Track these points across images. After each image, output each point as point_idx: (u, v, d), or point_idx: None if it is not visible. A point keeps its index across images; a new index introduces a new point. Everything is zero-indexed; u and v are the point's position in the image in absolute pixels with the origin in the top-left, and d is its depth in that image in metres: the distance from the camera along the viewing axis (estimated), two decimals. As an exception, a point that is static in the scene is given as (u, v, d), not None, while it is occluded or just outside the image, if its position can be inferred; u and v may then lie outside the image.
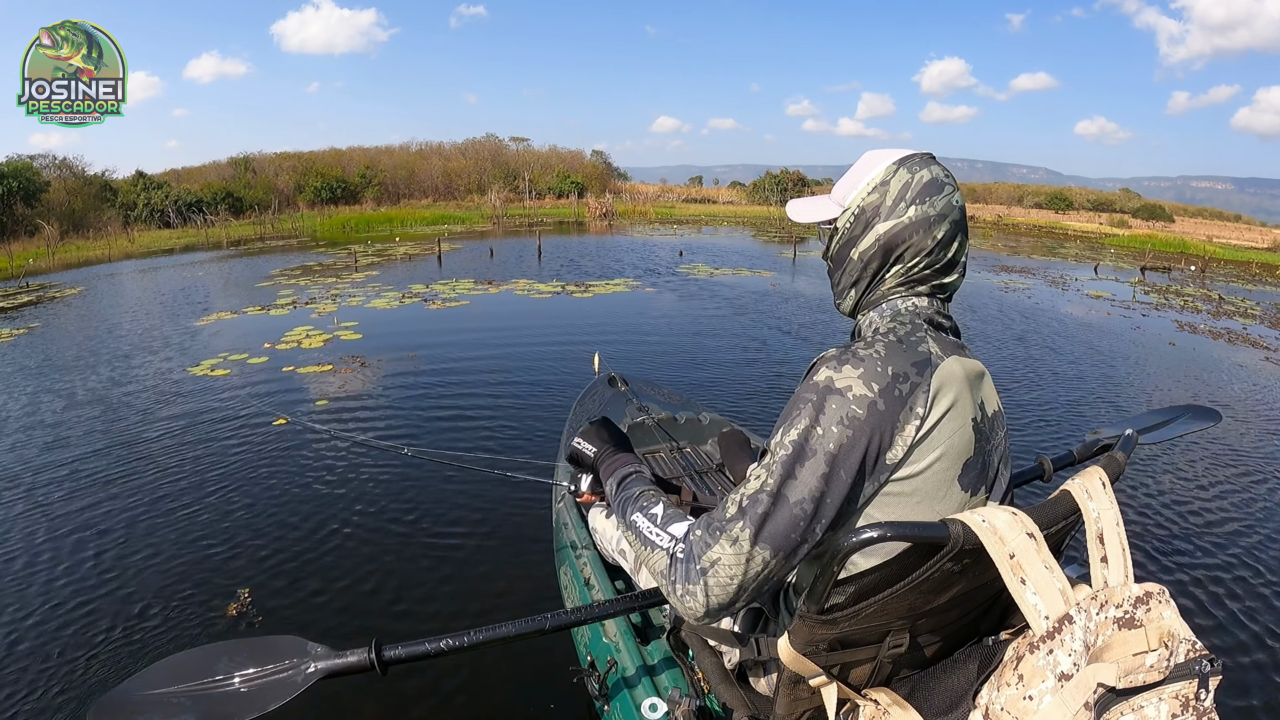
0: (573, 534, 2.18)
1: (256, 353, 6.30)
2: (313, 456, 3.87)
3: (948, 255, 1.05)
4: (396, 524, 3.20)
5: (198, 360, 6.06)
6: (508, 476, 2.99)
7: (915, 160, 1.06)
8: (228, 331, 7.33)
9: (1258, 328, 9.36)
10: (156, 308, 9.00)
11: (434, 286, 10.17)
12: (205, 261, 14.82)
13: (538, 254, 14.43)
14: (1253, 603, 2.71)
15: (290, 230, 22.94)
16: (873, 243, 1.05)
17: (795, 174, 37.82)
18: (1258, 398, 5.66)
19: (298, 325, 7.45)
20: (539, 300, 9.29)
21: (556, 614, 1.39)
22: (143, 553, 2.96)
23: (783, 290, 10.59)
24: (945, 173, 1.05)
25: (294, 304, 8.83)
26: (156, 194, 25.37)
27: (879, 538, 0.83)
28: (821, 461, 0.91)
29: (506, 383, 5.35)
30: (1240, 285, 14.79)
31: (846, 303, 1.14)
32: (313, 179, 30.28)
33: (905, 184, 1.03)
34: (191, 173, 30.71)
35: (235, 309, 8.62)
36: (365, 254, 14.99)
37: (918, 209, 1.02)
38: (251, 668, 1.25)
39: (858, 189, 1.08)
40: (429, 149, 35.93)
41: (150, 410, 4.73)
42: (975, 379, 1.02)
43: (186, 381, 5.43)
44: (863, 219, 1.07)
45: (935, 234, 1.03)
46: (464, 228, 22.98)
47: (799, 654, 0.98)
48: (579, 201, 31.01)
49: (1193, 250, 22.80)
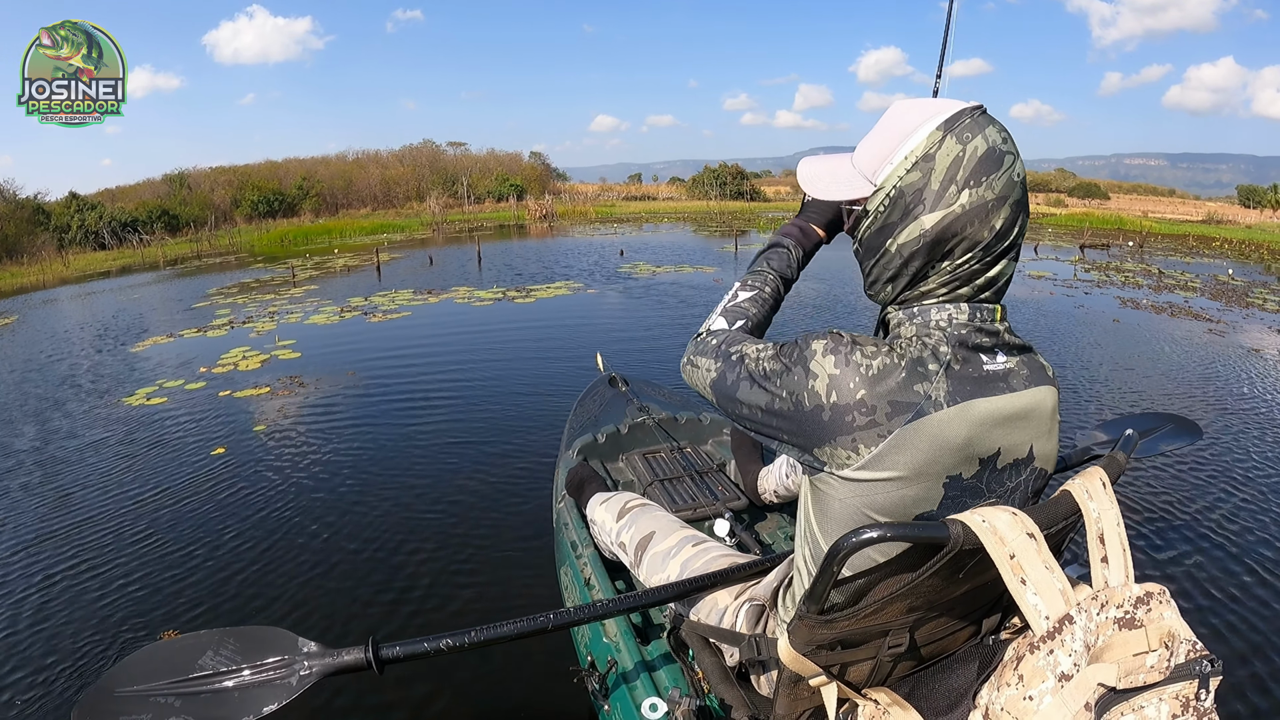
0: (573, 534, 2.19)
1: (193, 378, 6.28)
2: (248, 485, 3.90)
3: (1005, 244, 0.89)
4: (351, 541, 3.26)
5: (133, 390, 6.03)
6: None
7: (965, 122, 0.86)
8: (164, 357, 7.28)
9: (1199, 300, 9.77)
10: (91, 335, 8.85)
11: (373, 299, 10.17)
12: (142, 284, 14.50)
13: (478, 260, 14.47)
14: (1254, 602, 2.72)
15: (227, 246, 22.48)
16: (916, 237, 0.89)
17: (734, 168, 38.17)
18: (1219, 382, 5.68)
19: (235, 346, 7.43)
20: (480, 308, 9.37)
21: (557, 613, 1.40)
22: (64, 595, 2.89)
23: (726, 285, 10.77)
24: (1002, 135, 0.87)
25: (230, 324, 8.75)
26: (91, 215, 24.64)
27: (878, 538, 0.83)
28: (763, 397, 0.95)
29: (450, 394, 5.47)
30: (1178, 258, 15.45)
31: (881, 296, 0.99)
32: (249, 193, 29.65)
33: (955, 159, 0.85)
34: (126, 191, 29.83)
35: (171, 332, 8.53)
36: (304, 268, 14.83)
37: (972, 193, 0.85)
38: (242, 663, 1.22)
39: (893, 162, 0.89)
40: (366, 157, 35.43)
41: (83, 447, 4.70)
42: (992, 424, 0.92)
43: (121, 413, 5.41)
44: (901, 204, 0.89)
45: (993, 223, 0.86)
46: (404, 236, 22.76)
47: (798, 654, 0.97)
48: (519, 204, 30.92)
49: (1130, 226, 23.71)
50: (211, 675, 1.19)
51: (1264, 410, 4.94)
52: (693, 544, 1.64)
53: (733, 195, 35.88)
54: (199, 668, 1.19)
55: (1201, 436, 2.26)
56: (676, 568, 1.60)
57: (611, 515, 1.90)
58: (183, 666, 1.19)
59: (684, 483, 2.48)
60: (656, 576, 1.65)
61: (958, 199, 0.85)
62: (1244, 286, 11.33)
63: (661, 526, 1.75)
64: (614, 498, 1.97)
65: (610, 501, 1.96)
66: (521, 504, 3.55)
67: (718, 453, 2.77)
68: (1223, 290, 10.80)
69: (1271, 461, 4.01)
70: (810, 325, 7.73)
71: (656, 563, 1.67)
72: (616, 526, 1.85)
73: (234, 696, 1.18)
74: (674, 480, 2.50)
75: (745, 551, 1.92)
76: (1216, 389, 5.50)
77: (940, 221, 0.86)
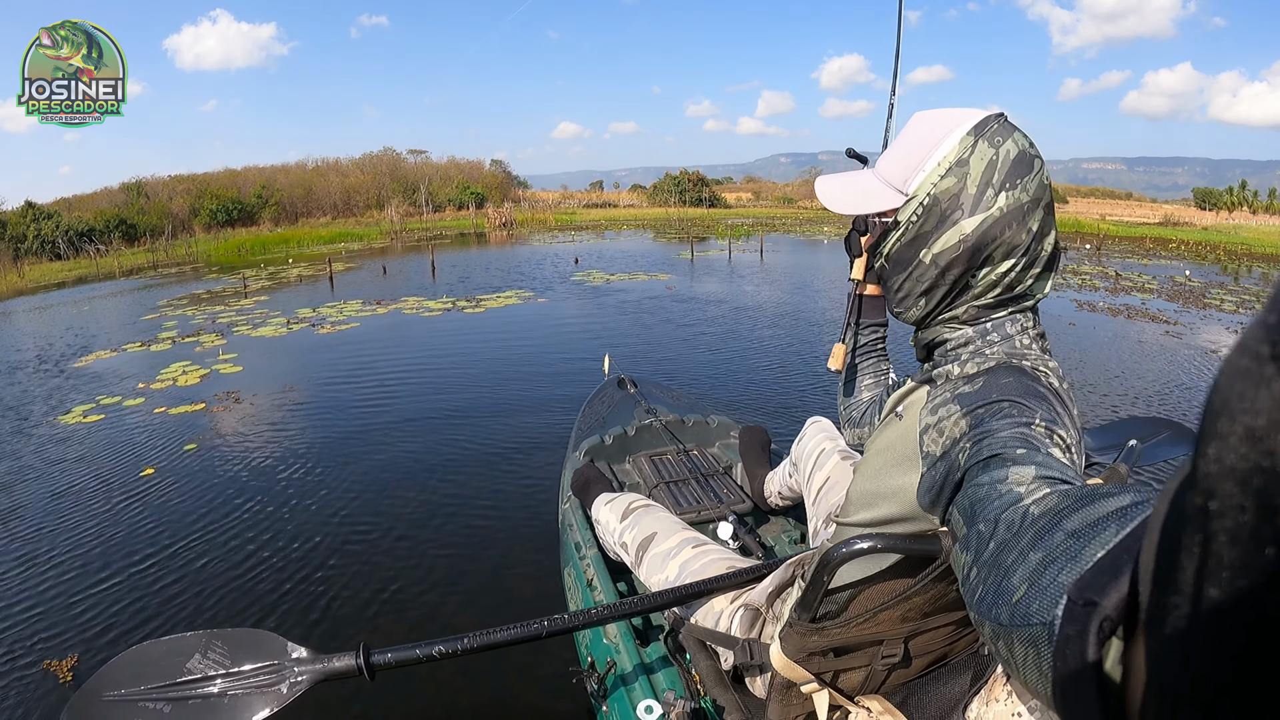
0: (577, 535, 2.19)
1: (131, 394, 6.30)
2: (184, 502, 3.95)
3: (1044, 250, 0.86)
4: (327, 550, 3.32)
5: (69, 406, 6.04)
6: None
7: (994, 127, 0.85)
8: (105, 372, 7.27)
9: (1156, 301, 9.88)
10: (38, 350, 8.80)
11: (321, 310, 10.21)
12: (95, 296, 14.35)
13: (432, 270, 14.53)
14: None
15: (184, 256, 22.30)
16: (956, 244, 0.85)
17: (695, 174, 38.63)
18: (1177, 385, 5.73)
19: (176, 361, 7.45)
20: (428, 318, 9.46)
21: (552, 619, 1.37)
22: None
23: (678, 292, 11.00)
24: (1028, 140, 0.85)
25: (174, 338, 8.73)
26: (47, 224, 24.38)
27: (869, 549, 0.83)
28: None
29: (391, 407, 5.55)
30: (1136, 260, 15.80)
31: (912, 313, 0.93)
32: (208, 201, 29.43)
33: (990, 163, 0.83)
34: (83, 200, 29.55)
35: (115, 346, 8.51)
36: (257, 278, 14.79)
37: (1009, 196, 0.82)
38: (231, 666, 1.20)
39: (925, 170, 0.86)
40: (326, 165, 35.32)
41: (8, 468, 4.71)
42: None
43: (54, 431, 5.42)
44: (936, 212, 0.85)
45: (1030, 225, 0.83)
46: (362, 245, 22.75)
47: (790, 660, 0.98)
48: (478, 212, 30.99)
49: (1087, 229, 24.26)
50: (200, 679, 1.18)
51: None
52: (692, 546, 1.66)
53: (693, 202, 36.15)
54: (187, 671, 1.18)
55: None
56: (675, 569, 1.62)
57: (616, 516, 1.90)
58: (171, 670, 1.18)
59: (689, 485, 2.49)
60: (656, 577, 1.66)
61: (995, 202, 0.82)
62: (1201, 287, 11.52)
63: (663, 528, 1.77)
64: (619, 499, 1.99)
65: (615, 502, 1.97)
66: (523, 507, 3.63)
67: (724, 455, 2.79)
68: (1180, 291, 10.95)
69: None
70: (773, 336, 7.86)
71: (656, 563, 1.69)
72: (620, 527, 1.86)
73: (224, 703, 1.17)
74: (679, 482, 2.51)
75: (748, 554, 1.99)
76: (1175, 392, 5.51)
77: (980, 225, 0.83)
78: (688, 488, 2.48)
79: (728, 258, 16.13)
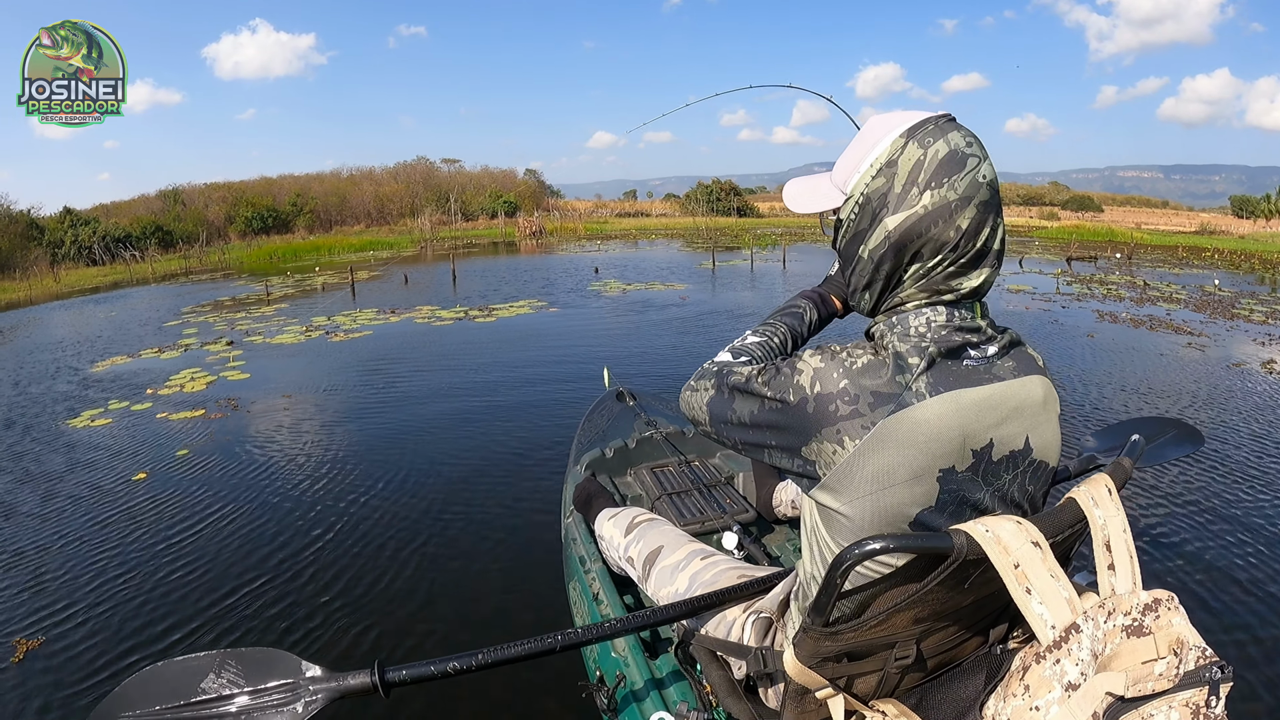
0: (581, 549, 2.18)
1: (140, 399, 6.39)
2: (178, 507, 3.95)
3: (975, 245, 0.89)
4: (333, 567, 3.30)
5: (78, 411, 6.14)
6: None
7: (928, 129, 0.88)
8: (120, 377, 7.40)
9: (1182, 312, 9.53)
10: (58, 354, 9.00)
11: (336, 318, 10.31)
12: (126, 301, 14.74)
13: (453, 279, 14.63)
14: (1264, 606, 2.68)
15: (217, 263, 22.82)
16: (882, 240, 0.91)
17: (728, 184, 38.62)
18: (1194, 396, 5.61)
19: (187, 367, 7.55)
20: (438, 327, 9.51)
21: (565, 634, 1.37)
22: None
23: (691, 301, 10.97)
24: (967, 139, 0.88)
25: (188, 345, 8.84)
26: (85, 230, 25.04)
27: (881, 549, 0.83)
28: (752, 402, 0.97)
29: (390, 416, 5.56)
30: (1167, 270, 15.38)
31: (863, 304, 1.01)
32: (243, 209, 30.06)
33: (917, 163, 0.87)
34: (121, 207, 30.36)
35: (133, 352, 8.67)
36: (283, 285, 15.02)
37: (934, 194, 0.86)
38: (245, 686, 1.20)
39: (860, 171, 0.93)
40: (361, 174, 36.03)
41: (11, 471, 4.78)
42: (978, 413, 0.90)
43: (61, 435, 5.51)
44: (869, 210, 0.92)
45: (958, 223, 0.87)
46: (391, 253, 23.05)
47: (804, 666, 0.97)
48: (509, 221, 31.26)
49: (1120, 238, 23.83)
50: (215, 700, 1.18)
51: (1255, 421, 4.84)
52: (701, 557, 1.65)
53: (724, 211, 36.12)
54: (202, 691, 1.18)
55: (1203, 443, 2.21)
56: (685, 581, 1.60)
57: (619, 530, 1.90)
58: (185, 690, 1.18)
59: (692, 496, 2.47)
60: (665, 590, 1.65)
61: (920, 200, 0.87)
62: (1231, 297, 11.13)
63: (669, 540, 1.76)
64: (622, 513, 1.99)
65: (618, 516, 1.97)
66: (523, 519, 3.60)
67: (726, 466, 2.77)
68: (1208, 302, 10.58)
69: (1270, 467, 4.03)
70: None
71: (664, 576, 1.67)
72: (625, 541, 1.86)
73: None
74: (682, 494, 2.50)
75: (753, 564, 1.94)
76: (1189, 411, 5.31)
77: (903, 222, 0.88)
78: (690, 499, 2.46)
79: (750, 267, 16.07)
